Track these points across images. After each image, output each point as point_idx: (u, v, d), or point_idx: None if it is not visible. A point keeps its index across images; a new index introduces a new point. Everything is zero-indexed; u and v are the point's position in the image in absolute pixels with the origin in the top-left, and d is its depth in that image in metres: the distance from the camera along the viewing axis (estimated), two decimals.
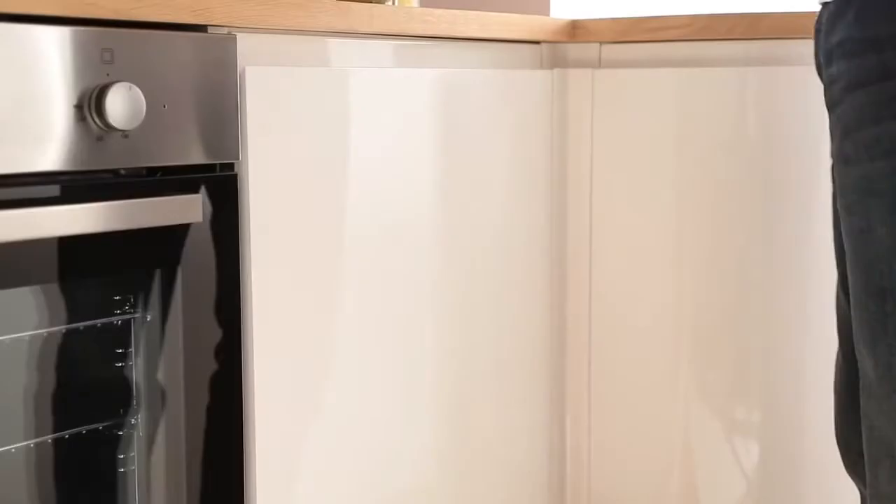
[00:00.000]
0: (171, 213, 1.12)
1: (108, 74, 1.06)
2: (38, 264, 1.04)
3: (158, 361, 1.15)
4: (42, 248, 1.03)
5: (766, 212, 1.58)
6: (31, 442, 1.06)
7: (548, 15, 2.11)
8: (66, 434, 1.09)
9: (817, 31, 1.16)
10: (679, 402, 1.65)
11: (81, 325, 1.10)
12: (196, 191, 1.14)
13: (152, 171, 1.12)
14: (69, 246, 1.05)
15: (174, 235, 1.13)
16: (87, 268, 1.08)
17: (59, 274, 1.06)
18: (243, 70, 1.18)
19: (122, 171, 1.10)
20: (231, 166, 1.19)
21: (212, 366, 1.18)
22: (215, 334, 1.18)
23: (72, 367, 1.10)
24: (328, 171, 1.28)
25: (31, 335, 1.06)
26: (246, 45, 1.18)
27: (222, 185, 1.18)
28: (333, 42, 1.30)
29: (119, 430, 1.13)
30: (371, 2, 1.33)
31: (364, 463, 1.36)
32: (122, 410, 1.14)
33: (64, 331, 1.09)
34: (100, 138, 1.06)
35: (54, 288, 1.07)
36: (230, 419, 1.20)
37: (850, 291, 1.08)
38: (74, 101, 1.04)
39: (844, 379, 1.26)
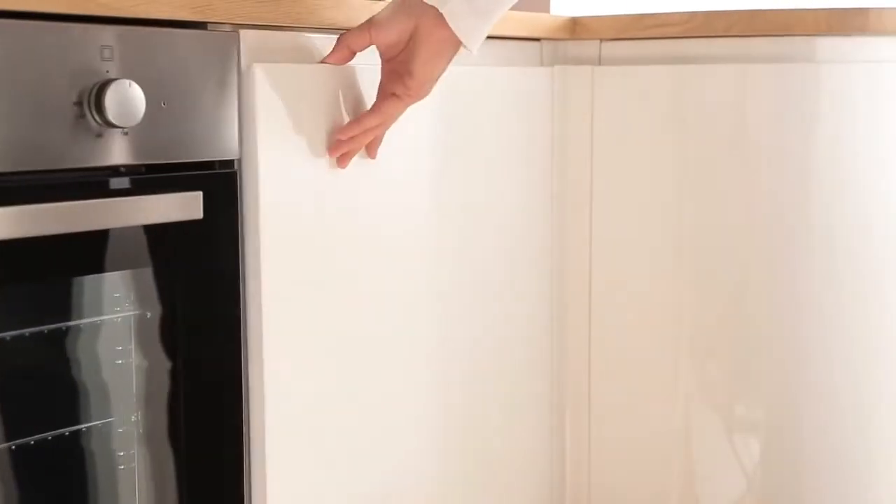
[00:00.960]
0: (171, 211, 1.12)
1: (107, 71, 1.05)
2: (37, 262, 1.04)
3: (158, 359, 1.15)
4: (40, 245, 1.03)
5: (766, 209, 1.59)
6: (32, 439, 1.06)
7: (548, 12, 2.11)
8: (66, 431, 1.09)
9: None
10: (679, 400, 1.65)
11: (81, 322, 1.10)
12: (196, 188, 1.14)
13: (152, 168, 1.12)
14: (68, 243, 1.05)
15: (174, 233, 1.13)
16: (86, 265, 1.08)
17: (58, 271, 1.06)
18: (250, 67, 1.17)
19: (122, 169, 1.10)
20: (231, 163, 1.18)
21: (211, 363, 1.18)
22: (215, 332, 1.18)
23: (71, 365, 1.10)
24: (332, 167, 1.27)
25: (30, 332, 1.06)
26: (250, 41, 1.18)
27: (222, 183, 1.18)
28: (333, 39, 1.30)
29: (119, 427, 1.13)
30: None
31: (367, 463, 1.36)
32: (121, 407, 1.13)
33: (63, 328, 1.09)
34: (99, 135, 1.05)
35: (53, 285, 1.07)
36: (231, 416, 1.20)
37: None
38: (74, 99, 1.04)
39: None
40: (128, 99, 1.05)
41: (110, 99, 1.04)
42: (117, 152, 1.07)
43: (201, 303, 1.16)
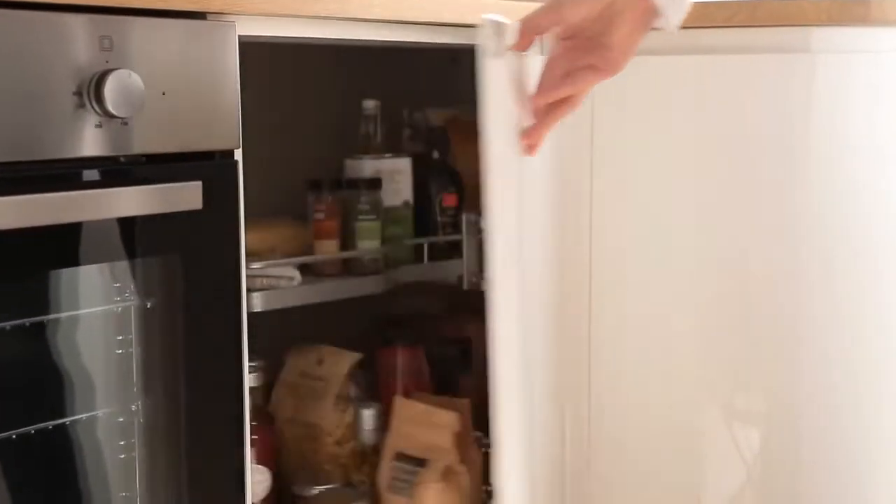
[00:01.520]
0: (171, 201, 1.12)
1: (107, 62, 1.06)
2: (37, 252, 1.04)
3: (158, 348, 1.15)
4: (40, 235, 1.03)
5: (768, 203, 1.58)
6: (32, 428, 1.06)
7: None
8: (66, 421, 1.09)
9: None
10: (679, 397, 1.65)
11: (81, 312, 1.10)
12: (195, 178, 1.14)
13: (151, 158, 1.12)
14: (68, 233, 1.05)
15: (174, 223, 1.13)
16: (86, 255, 1.08)
17: (58, 261, 1.06)
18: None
19: (122, 159, 1.10)
20: (231, 153, 1.19)
21: (211, 353, 1.18)
22: (215, 321, 1.18)
23: (72, 355, 1.10)
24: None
25: (31, 322, 1.06)
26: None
27: (222, 173, 1.18)
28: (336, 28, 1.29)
29: (119, 417, 1.13)
30: None
31: None
32: (122, 397, 1.14)
33: (64, 318, 1.09)
34: (99, 125, 1.06)
35: (54, 275, 1.07)
36: (230, 406, 1.20)
37: None
38: (73, 89, 1.04)
39: None
40: (127, 89, 1.05)
41: (110, 89, 1.04)
42: (117, 142, 1.08)
43: (201, 292, 1.16)
